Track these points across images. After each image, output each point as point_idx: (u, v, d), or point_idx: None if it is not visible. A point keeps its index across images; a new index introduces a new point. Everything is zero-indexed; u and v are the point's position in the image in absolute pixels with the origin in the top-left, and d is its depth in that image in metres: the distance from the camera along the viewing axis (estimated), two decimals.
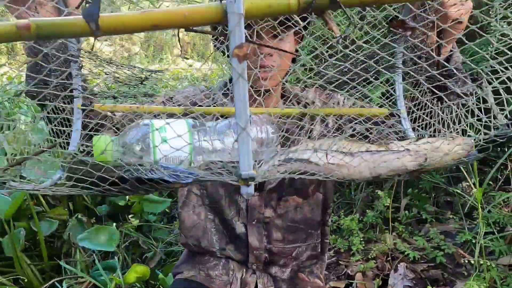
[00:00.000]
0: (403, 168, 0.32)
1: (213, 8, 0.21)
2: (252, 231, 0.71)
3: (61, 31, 0.21)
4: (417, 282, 1.01)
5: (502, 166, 1.36)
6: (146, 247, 1.41)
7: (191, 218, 0.75)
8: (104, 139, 0.32)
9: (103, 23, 0.21)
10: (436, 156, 0.33)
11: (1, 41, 0.21)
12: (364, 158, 0.31)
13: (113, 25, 0.21)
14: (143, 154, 0.31)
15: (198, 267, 0.75)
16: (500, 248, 0.99)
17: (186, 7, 0.21)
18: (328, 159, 0.31)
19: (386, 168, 0.32)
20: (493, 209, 1.12)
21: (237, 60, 0.20)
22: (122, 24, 0.21)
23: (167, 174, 0.26)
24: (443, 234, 1.19)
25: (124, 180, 0.27)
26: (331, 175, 0.31)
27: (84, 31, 0.21)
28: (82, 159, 0.29)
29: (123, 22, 0.21)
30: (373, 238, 1.27)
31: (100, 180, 0.28)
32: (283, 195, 0.71)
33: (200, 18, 0.21)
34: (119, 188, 0.29)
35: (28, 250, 1.22)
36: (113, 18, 0.21)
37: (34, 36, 0.20)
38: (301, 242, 0.74)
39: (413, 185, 1.43)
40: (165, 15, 0.21)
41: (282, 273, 0.75)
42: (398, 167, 0.32)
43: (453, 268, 1.05)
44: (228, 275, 0.73)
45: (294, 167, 0.31)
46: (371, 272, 1.08)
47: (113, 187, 0.28)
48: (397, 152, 0.32)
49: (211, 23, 0.21)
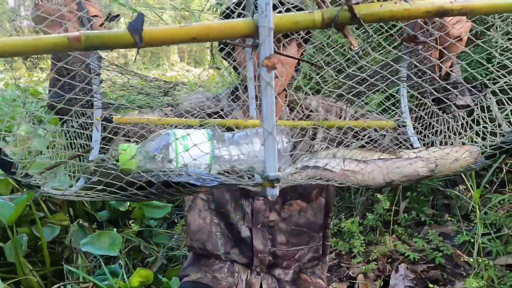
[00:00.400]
0: (415, 174, 0.33)
1: (246, 23, 0.23)
2: (257, 234, 0.72)
3: (107, 43, 0.23)
4: (417, 282, 1.02)
5: (498, 169, 1.39)
6: (148, 252, 1.41)
7: (197, 221, 0.76)
8: (130, 149, 0.34)
9: (146, 35, 0.23)
10: (446, 163, 0.34)
11: (53, 51, 0.23)
12: (377, 165, 0.33)
13: (155, 38, 0.23)
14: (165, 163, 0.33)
15: (204, 270, 0.76)
16: (497, 248, 1.02)
17: (221, 22, 0.23)
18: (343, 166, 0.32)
19: (399, 174, 0.33)
20: (490, 211, 1.15)
21: (266, 70, 0.21)
22: (163, 37, 0.23)
23: (194, 177, 0.28)
24: (441, 235, 1.21)
25: (151, 184, 0.29)
26: (346, 181, 0.33)
27: (128, 43, 0.23)
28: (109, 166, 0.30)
29: (164, 35, 0.23)
30: (373, 241, 1.29)
31: (128, 184, 0.29)
32: (287, 199, 0.73)
33: (234, 31, 0.23)
34: (146, 192, 0.30)
35: (29, 256, 1.22)
36: (155, 31, 0.23)
37: (83, 47, 0.22)
38: (304, 245, 0.76)
39: (411, 189, 1.46)
40: (203, 29, 0.23)
41: (285, 275, 0.77)
42: (410, 173, 0.33)
43: (452, 269, 1.07)
44: (234, 277, 0.75)
45: (310, 174, 0.32)
46: (372, 274, 1.09)
47: (140, 191, 0.30)
48: (409, 159, 0.34)
49: (244, 36, 0.23)
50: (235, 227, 0.73)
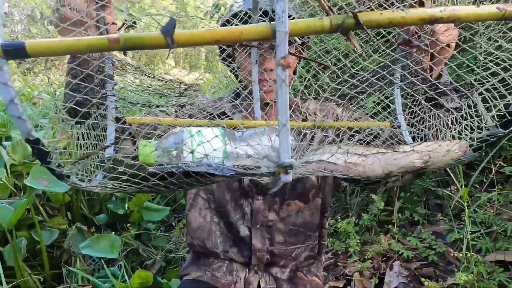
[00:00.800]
0: (411, 165, 0.37)
1: (264, 27, 0.26)
2: (255, 234, 0.74)
3: (142, 44, 0.26)
4: (411, 279, 1.05)
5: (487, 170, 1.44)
6: (146, 255, 1.41)
7: (197, 220, 0.78)
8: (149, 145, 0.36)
9: (176, 38, 0.26)
10: (438, 155, 0.37)
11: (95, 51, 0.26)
12: (377, 157, 0.36)
13: (184, 40, 0.26)
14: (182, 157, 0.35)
15: (203, 269, 0.78)
16: (487, 245, 1.06)
17: (243, 26, 0.26)
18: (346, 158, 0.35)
19: (396, 166, 0.36)
20: (480, 210, 1.19)
21: (282, 68, 0.24)
22: (191, 39, 0.26)
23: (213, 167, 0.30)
24: (434, 234, 1.25)
25: (172, 175, 0.31)
26: (349, 172, 0.36)
27: (161, 44, 0.25)
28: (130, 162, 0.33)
29: (192, 38, 0.26)
30: (368, 240, 1.32)
31: (150, 175, 0.31)
32: (286, 200, 0.75)
33: (253, 35, 0.26)
34: (166, 183, 0.32)
35: (27, 260, 1.22)
36: (184, 34, 0.26)
37: (121, 47, 0.25)
38: (300, 244, 0.78)
39: (405, 190, 1.49)
40: (226, 33, 0.26)
41: (282, 273, 0.78)
42: (407, 164, 0.37)
43: (444, 266, 1.11)
44: (232, 275, 0.76)
45: (315, 167, 0.35)
46: (368, 272, 1.12)
47: (161, 181, 0.32)
48: (405, 152, 0.37)
49: (262, 39, 0.27)
50: (234, 226, 0.75)
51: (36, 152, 0.29)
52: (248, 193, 0.75)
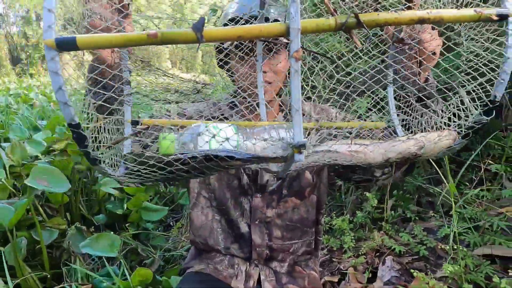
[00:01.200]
0: (408, 151, 0.40)
1: (280, 25, 0.30)
2: (255, 230, 0.78)
3: (177, 38, 0.30)
4: (403, 272, 1.09)
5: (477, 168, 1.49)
6: (145, 254, 1.43)
7: (200, 218, 0.81)
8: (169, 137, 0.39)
9: (205, 34, 0.30)
10: (431, 143, 0.42)
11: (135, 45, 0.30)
12: (377, 145, 0.40)
13: (212, 35, 0.30)
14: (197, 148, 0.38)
15: (206, 262, 0.81)
16: (475, 240, 1.10)
17: (261, 24, 0.31)
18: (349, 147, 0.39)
19: (395, 152, 0.40)
20: (469, 207, 1.24)
21: (295, 60, 0.28)
22: (217, 34, 0.30)
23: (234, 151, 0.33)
24: (425, 230, 1.29)
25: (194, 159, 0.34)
26: (351, 160, 0.39)
27: (192, 39, 0.30)
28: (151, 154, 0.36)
29: (217, 33, 0.30)
30: (362, 237, 1.36)
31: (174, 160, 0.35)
32: (283, 197, 0.79)
33: (270, 32, 0.30)
34: (189, 167, 0.35)
35: (26, 260, 1.23)
36: (212, 31, 0.30)
37: (159, 41, 0.29)
38: (297, 239, 0.81)
39: (397, 188, 1.54)
40: (247, 30, 0.30)
41: (281, 267, 0.82)
42: (404, 150, 0.40)
43: (434, 260, 1.15)
44: (234, 268, 0.79)
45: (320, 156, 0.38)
46: (361, 267, 1.15)
47: (184, 166, 0.35)
48: (402, 140, 0.42)
49: (277, 35, 0.31)
50: (234, 223, 0.78)
51: (75, 136, 0.32)
52: (247, 191, 0.78)
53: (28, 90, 4.99)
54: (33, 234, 1.20)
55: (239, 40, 0.30)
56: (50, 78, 0.29)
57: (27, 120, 2.19)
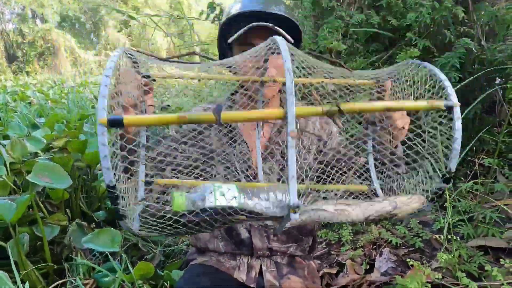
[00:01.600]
0: (384, 210, 0.49)
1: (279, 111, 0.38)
2: (255, 233, 0.80)
3: (199, 119, 0.38)
4: (399, 263, 1.12)
5: (471, 163, 1.52)
6: (146, 250, 1.45)
7: None
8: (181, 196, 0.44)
9: (223, 116, 0.38)
10: (403, 204, 0.50)
11: (168, 124, 0.37)
12: (358, 205, 0.48)
13: (228, 118, 0.38)
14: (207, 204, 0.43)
15: (209, 254, 0.83)
16: (469, 231, 1.13)
17: (261, 110, 0.39)
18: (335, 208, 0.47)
19: (373, 210, 0.48)
20: (463, 200, 1.27)
21: (291, 138, 0.35)
22: (232, 118, 0.39)
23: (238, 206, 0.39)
24: (421, 223, 1.32)
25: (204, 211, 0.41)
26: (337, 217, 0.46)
27: (212, 120, 0.38)
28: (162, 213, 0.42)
29: (232, 116, 0.38)
30: (360, 230, 1.39)
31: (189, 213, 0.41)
32: None
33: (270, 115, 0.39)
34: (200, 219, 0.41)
35: (28, 256, 1.24)
36: (228, 114, 0.38)
37: (187, 121, 0.37)
38: (292, 243, 0.85)
39: None
40: (252, 114, 0.39)
41: (281, 259, 0.85)
42: (380, 208, 0.49)
43: (430, 252, 1.18)
44: (236, 260, 0.82)
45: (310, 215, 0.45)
46: (359, 259, 1.18)
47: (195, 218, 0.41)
48: (379, 202, 0.50)
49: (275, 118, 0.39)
50: (234, 229, 0.81)
51: (110, 195, 0.38)
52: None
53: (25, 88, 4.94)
54: (34, 230, 1.21)
55: (249, 122, 0.36)
56: (98, 150, 0.34)
57: (26, 117, 2.19)
